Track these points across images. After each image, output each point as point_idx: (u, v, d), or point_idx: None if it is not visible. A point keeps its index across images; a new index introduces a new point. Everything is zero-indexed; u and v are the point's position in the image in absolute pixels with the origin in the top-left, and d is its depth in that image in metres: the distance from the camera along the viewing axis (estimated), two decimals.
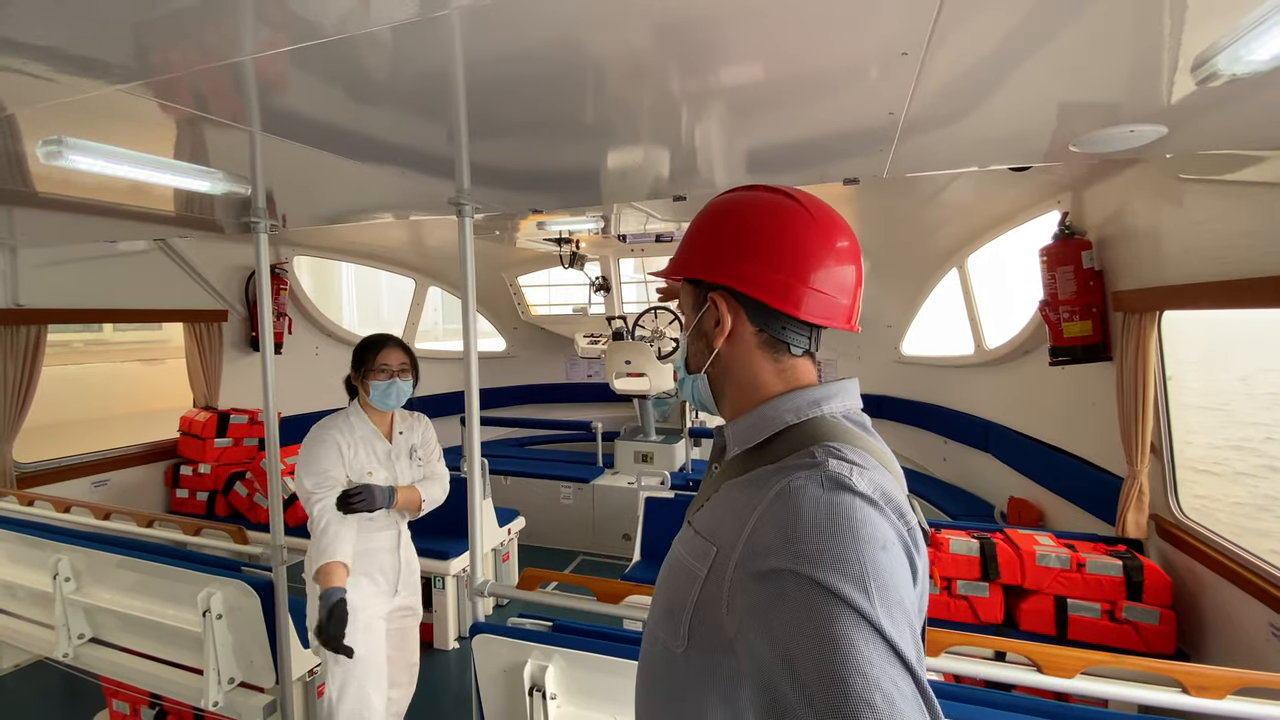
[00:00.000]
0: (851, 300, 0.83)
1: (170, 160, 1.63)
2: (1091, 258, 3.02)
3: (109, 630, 2.96)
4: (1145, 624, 2.50)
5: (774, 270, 0.78)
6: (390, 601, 2.30)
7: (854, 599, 0.57)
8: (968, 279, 4.65)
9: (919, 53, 0.92)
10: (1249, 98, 1.20)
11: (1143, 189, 2.63)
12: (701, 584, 0.72)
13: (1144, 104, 1.21)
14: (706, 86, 1.19)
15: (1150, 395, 2.64)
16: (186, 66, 1.08)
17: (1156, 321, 2.62)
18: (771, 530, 0.64)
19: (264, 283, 2.41)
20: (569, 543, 5.18)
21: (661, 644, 0.79)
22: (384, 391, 2.22)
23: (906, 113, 1.21)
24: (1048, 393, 3.78)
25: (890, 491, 0.68)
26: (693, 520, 0.82)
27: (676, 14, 0.90)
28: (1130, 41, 0.98)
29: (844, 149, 1.56)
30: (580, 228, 4.45)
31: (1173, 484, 2.73)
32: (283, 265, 5.15)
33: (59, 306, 4.00)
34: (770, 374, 0.82)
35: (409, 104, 1.32)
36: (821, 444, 0.71)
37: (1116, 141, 1.43)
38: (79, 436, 4.36)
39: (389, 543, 2.28)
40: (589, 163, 1.86)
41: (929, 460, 5.48)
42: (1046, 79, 1.11)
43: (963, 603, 2.70)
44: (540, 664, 1.85)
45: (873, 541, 0.61)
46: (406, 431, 2.39)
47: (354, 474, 2.19)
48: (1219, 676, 1.50)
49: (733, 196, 0.85)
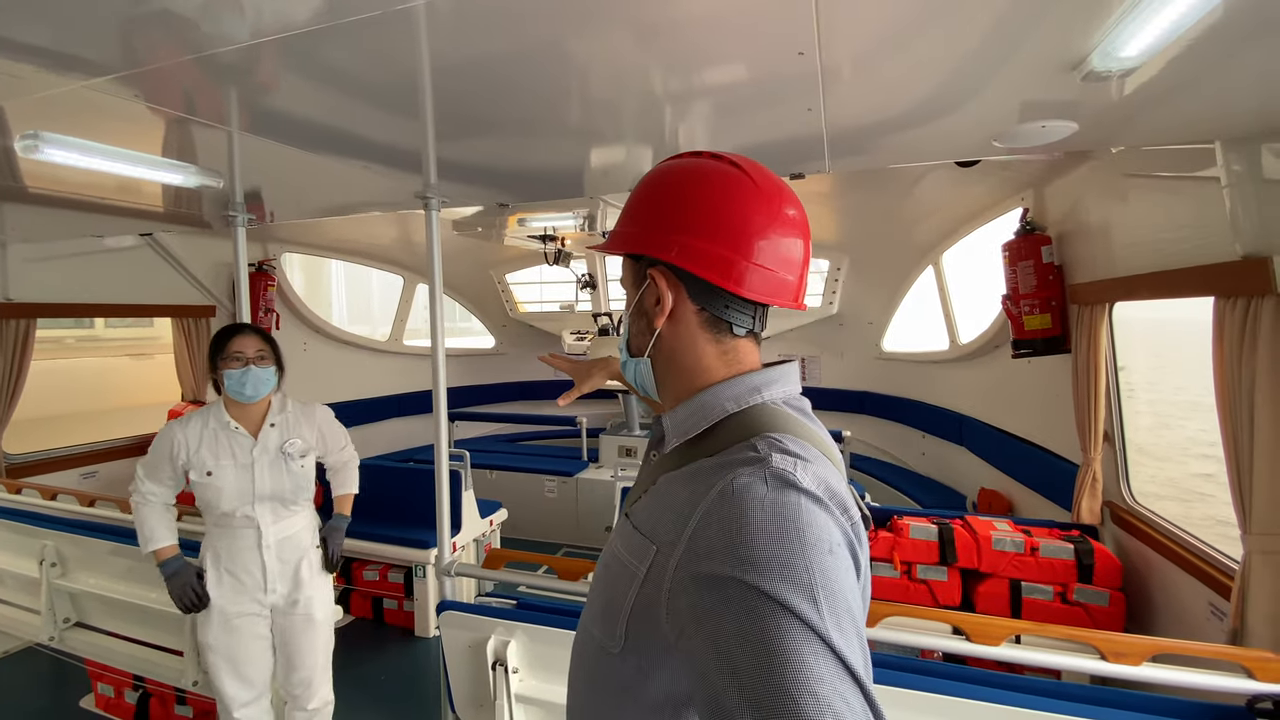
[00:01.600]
0: (798, 277, 0.78)
1: (145, 154, 1.71)
2: (1051, 252, 3.11)
3: (94, 614, 3.02)
4: (1095, 605, 2.60)
5: (715, 243, 0.72)
6: (263, 599, 2.17)
7: (802, 610, 0.55)
8: (943, 275, 4.75)
9: (814, 52, 1.01)
10: (1156, 96, 1.28)
11: (1094, 186, 2.73)
12: (640, 584, 0.70)
13: (1047, 102, 1.30)
14: (664, 88, 1.28)
15: (1102, 385, 2.74)
16: (156, 61, 1.15)
17: (1108, 313, 2.71)
18: (715, 532, 0.62)
19: (241, 275, 2.49)
20: (552, 535, 5.26)
21: (597, 643, 0.76)
22: (238, 380, 2.09)
23: (825, 111, 1.30)
24: (1015, 386, 3.87)
25: (834, 485, 0.66)
26: (630, 513, 0.78)
27: (635, 17, 0.97)
28: (1009, 42, 1.06)
29: (787, 147, 1.65)
30: (562, 224, 4.53)
31: (1124, 471, 2.82)
32: (270, 262, 5.23)
33: (48, 301, 4.07)
34: (712, 356, 0.78)
35: (375, 100, 1.40)
36: (763, 435, 0.69)
37: (1032, 137, 1.52)
38: (68, 430, 4.44)
39: (248, 541, 2.15)
40: (554, 158, 1.94)
41: (908, 454, 5.57)
42: (952, 79, 1.20)
43: (922, 586, 2.79)
44: (503, 639, 1.92)
45: (819, 545, 0.59)
46: (280, 425, 2.22)
47: (195, 472, 2.09)
48: (1135, 644, 1.59)
49: (674, 164, 0.79)
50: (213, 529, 2.18)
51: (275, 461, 2.17)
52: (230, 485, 2.10)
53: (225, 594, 2.14)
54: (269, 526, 2.17)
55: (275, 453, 2.17)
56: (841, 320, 5.98)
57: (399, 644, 3.74)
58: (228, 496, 2.10)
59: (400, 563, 3.84)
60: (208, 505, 2.12)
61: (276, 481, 2.16)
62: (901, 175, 3.62)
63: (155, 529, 2.13)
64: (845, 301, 5.81)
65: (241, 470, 2.12)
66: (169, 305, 4.72)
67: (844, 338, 6.14)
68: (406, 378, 6.81)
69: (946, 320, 4.77)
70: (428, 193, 2.07)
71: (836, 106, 1.27)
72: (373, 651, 3.66)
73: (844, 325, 6.03)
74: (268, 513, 2.16)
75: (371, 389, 6.43)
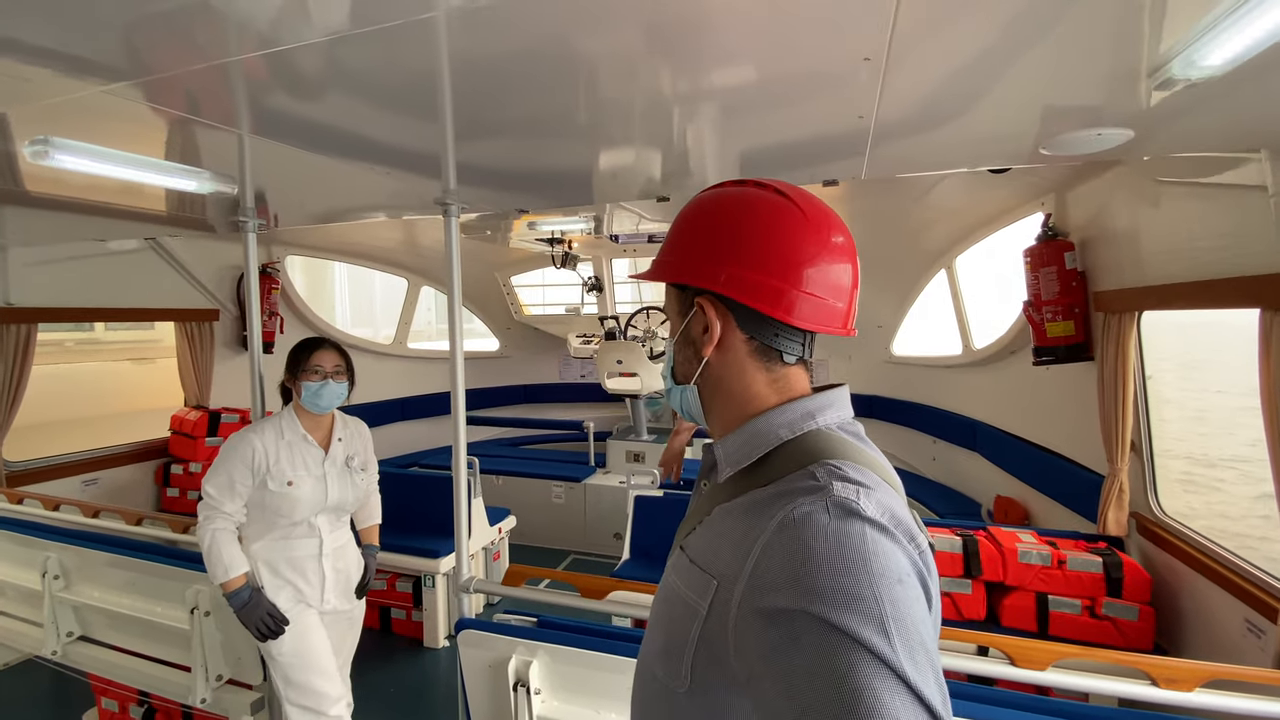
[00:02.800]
0: (848, 304, 0.77)
1: (157, 160, 1.64)
2: (1074, 259, 3.06)
3: (97, 628, 2.96)
4: (1124, 620, 2.54)
5: (765, 273, 0.72)
6: (320, 605, 2.24)
7: (873, 643, 0.53)
8: (956, 280, 4.70)
9: (881, 59, 0.95)
10: (1211, 103, 1.23)
11: (1122, 191, 2.67)
12: (703, 621, 0.67)
13: (1110, 109, 1.24)
14: (690, 88, 1.22)
15: (1130, 395, 2.68)
16: (173, 67, 1.10)
17: (1136, 322, 2.66)
18: (778, 564, 0.60)
19: (252, 281, 2.43)
20: (560, 542, 5.20)
21: (661, 682, 0.73)
22: (315, 393, 2.16)
23: (876, 117, 1.24)
24: (1033, 392, 3.82)
25: (899, 513, 0.64)
26: (685, 546, 0.76)
27: (660, 16, 0.92)
28: (1091, 49, 1.01)
29: (821, 152, 1.59)
30: (571, 228, 4.47)
31: (1152, 482, 2.77)
32: (274, 265, 5.16)
33: (49, 305, 4.00)
34: (763, 384, 0.76)
35: (395, 105, 1.34)
36: (821, 462, 0.67)
37: (1084, 145, 1.46)
38: (69, 436, 4.37)
39: (310, 550, 2.22)
40: (576, 163, 1.88)
41: (919, 460, 5.52)
42: (1014, 85, 1.14)
43: (945, 599, 2.73)
44: (525, 659, 1.87)
45: (888, 575, 0.57)
46: (346, 439, 2.33)
47: (274, 481, 2.12)
48: (1188, 669, 1.53)
49: (719, 193, 0.79)
50: (270, 541, 2.19)
51: (343, 473, 2.27)
52: (307, 495, 2.16)
53: (287, 603, 2.16)
54: (328, 535, 2.25)
55: (342, 465, 2.27)
56: None
57: (408, 655, 3.68)
58: (303, 506, 2.15)
59: (409, 572, 3.77)
60: (277, 514, 2.15)
61: (343, 493, 2.26)
62: (917, 179, 3.56)
63: (235, 556, 2.09)
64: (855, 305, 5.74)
65: (316, 481, 2.20)
66: (172, 309, 4.65)
67: (852, 341, 6.07)
68: (410, 381, 6.75)
69: (959, 325, 4.71)
70: (447, 198, 2.01)
71: (891, 111, 1.21)
72: (381, 662, 3.60)
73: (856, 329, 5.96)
74: (326, 523, 2.25)
75: (375, 393, 6.37)
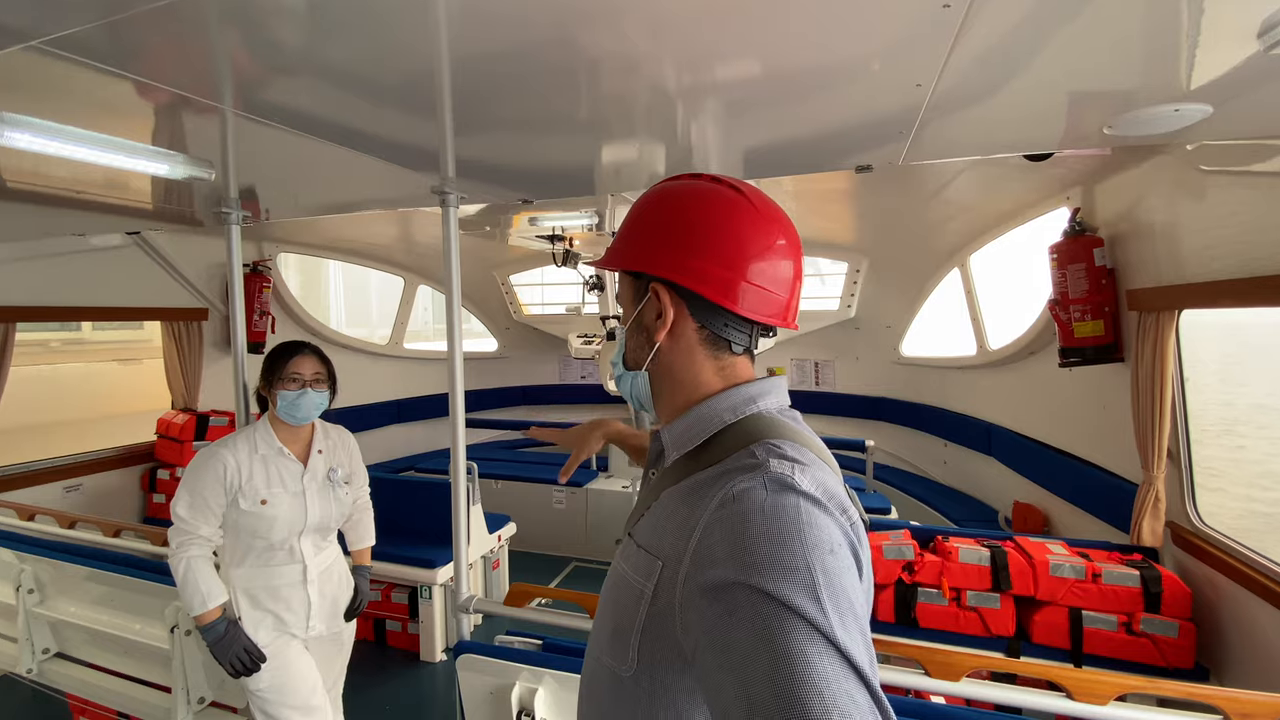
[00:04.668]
0: (790, 294, 0.79)
1: (124, 140, 1.48)
2: (1103, 255, 2.91)
3: (75, 645, 2.81)
4: (1164, 637, 2.40)
5: (717, 264, 0.75)
6: (304, 634, 2.07)
7: (805, 609, 0.55)
8: (970, 278, 4.55)
9: (964, 4, 0.80)
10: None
11: (1160, 182, 2.53)
12: (649, 601, 0.69)
13: (1200, 76, 1.09)
14: (732, 69, 1.09)
15: (1168, 399, 2.54)
16: (135, 16, 0.94)
17: (1175, 321, 2.51)
18: (718, 539, 0.62)
19: (236, 278, 2.28)
20: (562, 548, 5.05)
21: (608, 668, 0.75)
22: (292, 403, 1.97)
23: (936, 86, 1.09)
24: (1054, 395, 3.68)
25: (832, 487, 0.67)
26: (633, 532, 0.78)
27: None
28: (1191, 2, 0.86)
29: (861, 133, 1.44)
30: (573, 224, 4.31)
31: (1190, 490, 2.62)
32: (266, 262, 4.99)
33: (28, 304, 3.83)
34: (711, 372, 0.79)
35: (391, 83, 1.20)
36: (761, 441, 0.70)
37: (1152, 123, 1.31)
38: (50, 439, 4.19)
39: (292, 576, 2.03)
40: (581, 154, 1.74)
41: (929, 463, 5.38)
42: (1090, 43, 0.99)
43: (972, 614, 2.59)
44: (529, 686, 1.73)
45: (820, 545, 0.59)
46: (327, 450, 2.13)
47: (246, 500, 1.92)
48: (1265, 703, 1.39)
49: (675, 185, 0.81)
50: (248, 567, 2.00)
51: (323, 489, 2.08)
52: (284, 515, 1.98)
53: (268, 635, 1.99)
54: (312, 559, 2.06)
55: (323, 480, 2.08)
56: (858, 324, 5.77)
57: (403, 669, 3.52)
58: (280, 527, 1.97)
59: (405, 583, 3.61)
60: (253, 536, 1.96)
61: (325, 510, 2.07)
62: (933, 172, 3.42)
63: (213, 585, 1.91)
64: (863, 304, 5.60)
65: (294, 499, 2.00)
66: (159, 308, 4.47)
67: (860, 341, 5.94)
68: (406, 382, 6.58)
69: (974, 325, 4.57)
70: (445, 187, 1.86)
71: (952, 77, 1.06)
72: (376, 676, 3.45)
73: (860, 329, 5.83)
74: (310, 545, 2.06)
75: (370, 394, 6.20)
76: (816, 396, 6.24)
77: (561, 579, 4.65)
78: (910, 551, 2.68)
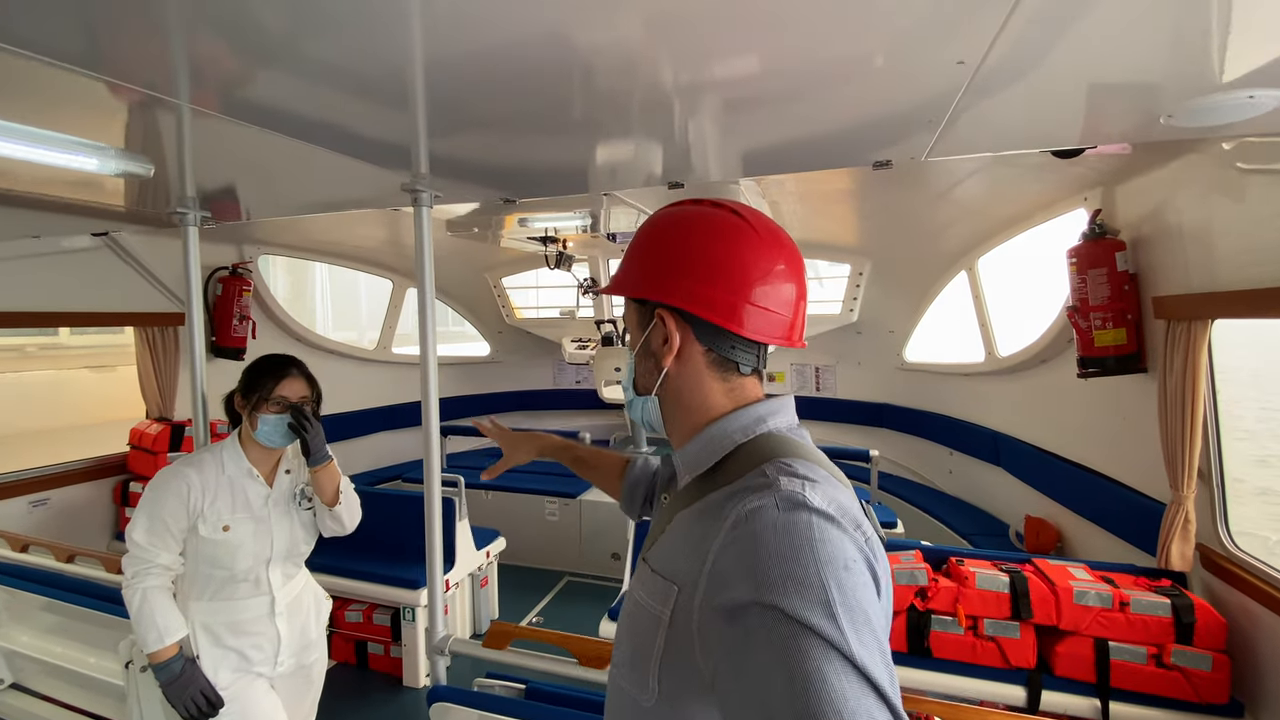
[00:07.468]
0: (794, 314, 0.80)
1: (39, 130, 1.30)
2: (1126, 259, 2.75)
3: (30, 676, 2.65)
4: (1196, 670, 2.22)
5: (721, 289, 0.76)
6: (271, 671, 1.89)
7: (821, 627, 0.55)
8: (978, 283, 4.38)
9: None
10: None
11: (1192, 183, 2.36)
12: (667, 628, 0.69)
13: None
14: (749, 61, 0.94)
15: (1199, 414, 2.36)
16: None
17: (1208, 331, 2.34)
18: (732, 560, 0.63)
19: (194, 284, 2.11)
20: (554, 562, 4.86)
21: (629, 696, 0.74)
22: (274, 428, 1.79)
23: (982, 63, 0.91)
24: (1068, 405, 3.51)
25: (845, 503, 0.67)
26: (648, 558, 0.77)
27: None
28: None
29: (887, 124, 1.27)
30: (566, 225, 4.14)
31: (1223, 512, 2.45)
32: (246, 265, 4.79)
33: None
34: (720, 393, 0.80)
35: (355, 70, 1.03)
36: (772, 460, 0.71)
37: (1222, 113, 1.15)
38: (15, 451, 3.99)
39: (259, 610, 1.84)
40: (571, 152, 1.57)
41: (933, 473, 5.21)
42: (1169, 6, 0.82)
43: (990, 644, 2.41)
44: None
45: (834, 561, 0.59)
46: (296, 469, 1.95)
47: (207, 526, 1.75)
48: None
49: (675, 212, 0.83)
50: (208, 600, 1.81)
51: (287, 512, 1.91)
52: (248, 542, 1.79)
53: (229, 675, 1.79)
54: (280, 590, 1.87)
55: (286, 502, 1.91)
56: (860, 328, 5.60)
57: (385, 694, 3.33)
58: (243, 556, 1.80)
59: (387, 603, 3.43)
60: (214, 566, 1.77)
61: (292, 535, 1.91)
62: (942, 171, 3.25)
63: (170, 620, 1.72)
64: (866, 308, 5.43)
65: (259, 525, 1.82)
66: (131, 313, 4.27)
67: (862, 346, 5.77)
68: (395, 388, 6.37)
69: (982, 331, 4.40)
70: (417, 185, 1.68)
71: (1001, 51, 0.88)
72: (356, 701, 3.26)
73: (862, 333, 5.65)
74: (280, 574, 1.89)
75: (357, 401, 6.00)
76: (817, 403, 6.07)
77: (554, 596, 4.47)
78: (923, 576, 2.50)
